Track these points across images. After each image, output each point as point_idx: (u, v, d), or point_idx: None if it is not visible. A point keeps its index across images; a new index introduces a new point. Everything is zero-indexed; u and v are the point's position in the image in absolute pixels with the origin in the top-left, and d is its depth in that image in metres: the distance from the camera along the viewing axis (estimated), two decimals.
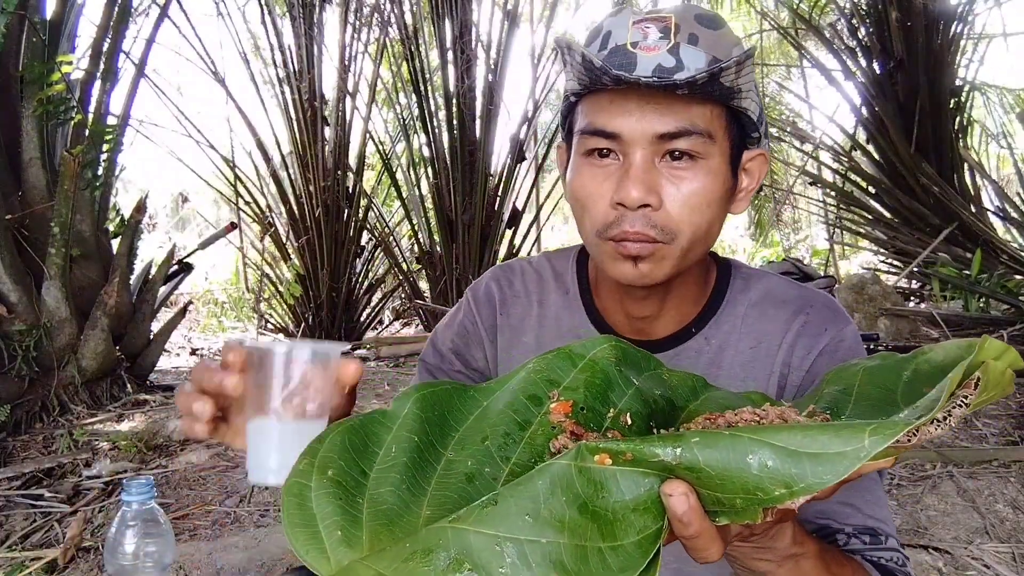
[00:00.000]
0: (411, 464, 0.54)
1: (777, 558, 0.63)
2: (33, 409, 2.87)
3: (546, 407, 0.56)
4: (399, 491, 0.52)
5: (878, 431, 0.43)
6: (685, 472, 0.47)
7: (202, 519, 2.20)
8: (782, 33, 6.68)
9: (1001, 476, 2.18)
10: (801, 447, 0.44)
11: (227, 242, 5.02)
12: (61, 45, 3.12)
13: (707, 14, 0.80)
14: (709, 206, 0.78)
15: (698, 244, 0.80)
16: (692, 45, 0.76)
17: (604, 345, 0.59)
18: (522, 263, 0.99)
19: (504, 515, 0.49)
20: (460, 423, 0.57)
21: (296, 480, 0.52)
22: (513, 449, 0.54)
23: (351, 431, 0.55)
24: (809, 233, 10.99)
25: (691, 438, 0.47)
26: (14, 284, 2.81)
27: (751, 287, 0.89)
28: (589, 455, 0.49)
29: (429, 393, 0.57)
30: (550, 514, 0.48)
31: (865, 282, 4.26)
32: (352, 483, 0.53)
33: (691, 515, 0.48)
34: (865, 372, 0.58)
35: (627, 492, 0.48)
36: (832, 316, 0.86)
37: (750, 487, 0.45)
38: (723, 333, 0.87)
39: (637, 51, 0.76)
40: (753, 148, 0.83)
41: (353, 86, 5.06)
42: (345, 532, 0.50)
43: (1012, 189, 6.03)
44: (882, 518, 0.79)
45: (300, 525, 0.50)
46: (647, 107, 0.76)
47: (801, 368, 0.85)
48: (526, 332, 0.95)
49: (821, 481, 0.43)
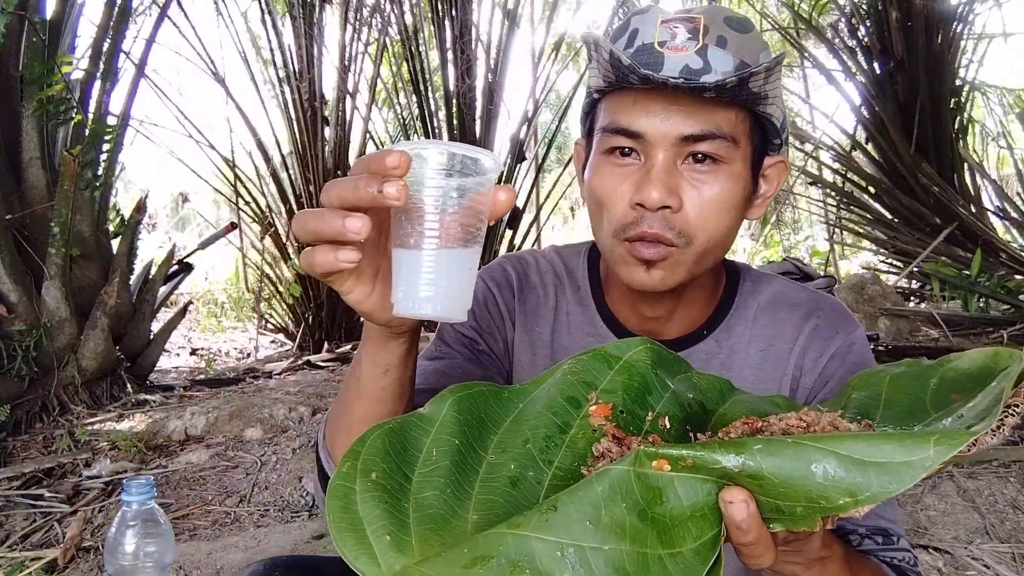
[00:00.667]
0: (453, 467, 0.54)
1: (806, 561, 0.63)
2: (33, 409, 2.87)
3: (585, 410, 0.56)
4: (444, 495, 0.52)
5: (942, 441, 0.43)
6: (747, 480, 0.47)
7: (202, 519, 2.20)
8: (782, 33, 6.68)
9: (1001, 476, 2.18)
10: (866, 456, 0.44)
11: (227, 242, 5.01)
12: (61, 45, 3.12)
13: (736, 17, 0.79)
14: (728, 211, 0.77)
15: (713, 249, 0.79)
16: (720, 48, 0.75)
17: (639, 348, 0.59)
18: (535, 255, 0.97)
19: (565, 521, 0.48)
20: (498, 425, 0.57)
21: (340, 483, 0.52)
22: (555, 452, 0.54)
23: (391, 434, 0.54)
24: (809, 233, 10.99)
25: (753, 445, 0.47)
26: (14, 284, 2.81)
27: (760, 290, 0.90)
28: (647, 461, 0.49)
29: (465, 395, 0.57)
30: (611, 520, 0.48)
31: (865, 282, 4.26)
32: (396, 487, 0.52)
33: (750, 522, 0.47)
34: (892, 379, 0.59)
35: (684, 499, 0.48)
36: (842, 320, 0.87)
37: (813, 495, 0.45)
38: (734, 336, 0.87)
39: (664, 51, 0.75)
40: (774, 154, 0.82)
41: (353, 86, 5.06)
42: (394, 537, 0.50)
43: (1012, 189, 6.03)
44: (892, 519, 0.80)
45: (347, 529, 0.50)
46: (672, 108, 0.75)
47: (813, 371, 0.85)
48: (540, 322, 0.94)
49: (887, 491, 0.44)
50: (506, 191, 0.57)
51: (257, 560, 0.89)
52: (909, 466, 0.43)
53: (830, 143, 6.22)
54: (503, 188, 0.57)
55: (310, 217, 0.55)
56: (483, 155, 0.55)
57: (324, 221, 0.54)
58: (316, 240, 0.55)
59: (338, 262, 0.54)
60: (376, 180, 0.51)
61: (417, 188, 0.54)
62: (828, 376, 0.84)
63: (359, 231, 0.52)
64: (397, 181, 0.51)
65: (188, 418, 2.82)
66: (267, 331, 5.68)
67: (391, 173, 0.51)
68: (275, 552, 1.89)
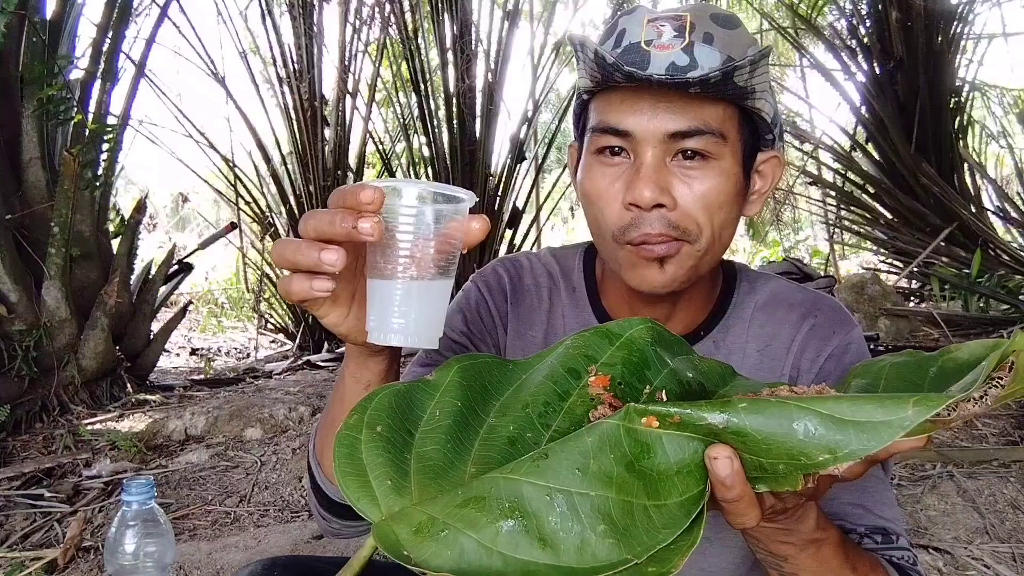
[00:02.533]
0: (455, 426, 0.57)
1: (800, 541, 0.63)
2: (33, 409, 2.87)
3: (585, 380, 0.58)
4: (444, 450, 0.55)
5: (921, 402, 0.45)
6: (731, 437, 0.49)
7: (202, 519, 2.20)
8: (782, 33, 6.68)
9: (1001, 476, 2.18)
10: (846, 415, 0.46)
11: (227, 242, 5.01)
12: (61, 45, 3.12)
13: (723, 13, 0.79)
14: (721, 207, 0.77)
15: (714, 246, 0.79)
16: (707, 44, 0.75)
17: (641, 326, 0.61)
18: (529, 258, 0.97)
19: (555, 468, 0.51)
20: (500, 393, 0.59)
21: (347, 432, 0.55)
22: (553, 417, 0.57)
23: (397, 395, 0.58)
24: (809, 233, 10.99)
25: (738, 404, 0.49)
26: (14, 284, 2.81)
27: (757, 290, 0.89)
28: (637, 416, 0.51)
29: (470, 364, 0.60)
30: (599, 469, 0.51)
31: (865, 282, 4.26)
32: (399, 440, 0.55)
33: (734, 478, 0.49)
34: (892, 367, 0.60)
35: (672, 455, 0.50)
36: (839, 319, 0.86)
37: (794, 452, 0.47)
38: (731, 336, 0.87)
39: (651, 49, 0.75)
40: (767, 150, 0.82)
41: (353, 86, 5.06)
42: (395, 482, 0.53)
43: (1012, 189, 6.03)
44: (892, 518, 0.80)
45: (351, 474, 0.53)
46: (659, 105, 0.75)
47: (811, 371, 0.85)
48: (534, 326, 0.93)
49: (864, 447, 0.45)
50: (479, 220, 0.59)
51: (256, 560, 0.89)
52: (888, 425, 0.45)
53: (830, 143, 6.22)
54: (476, 217, 0.59)
55: (288, 247, 0.57)
56: (458, 192, 0.58)
57: (301, 252, 0.56)
58: (293, 269, 0.58)
59: (312, 291, 0.57)
60: (352, 215, 0.54)
61: (391, 221, 0.56)
62: (825, 375, 0.84)
63: (334, 263, 0.55)
64: (372, 217, 0.53)
65: (188, 418, 2.82)
66: (267, 331, 5.68)
67: (366, 209, 0.53)
68: (275, 552, 1.89)
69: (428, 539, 0.49)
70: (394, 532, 0.50)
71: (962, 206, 5.17)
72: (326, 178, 4.94)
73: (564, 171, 6.17)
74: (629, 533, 0.48)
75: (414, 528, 0.50)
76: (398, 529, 0.50)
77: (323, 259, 0.55)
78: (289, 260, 0.58)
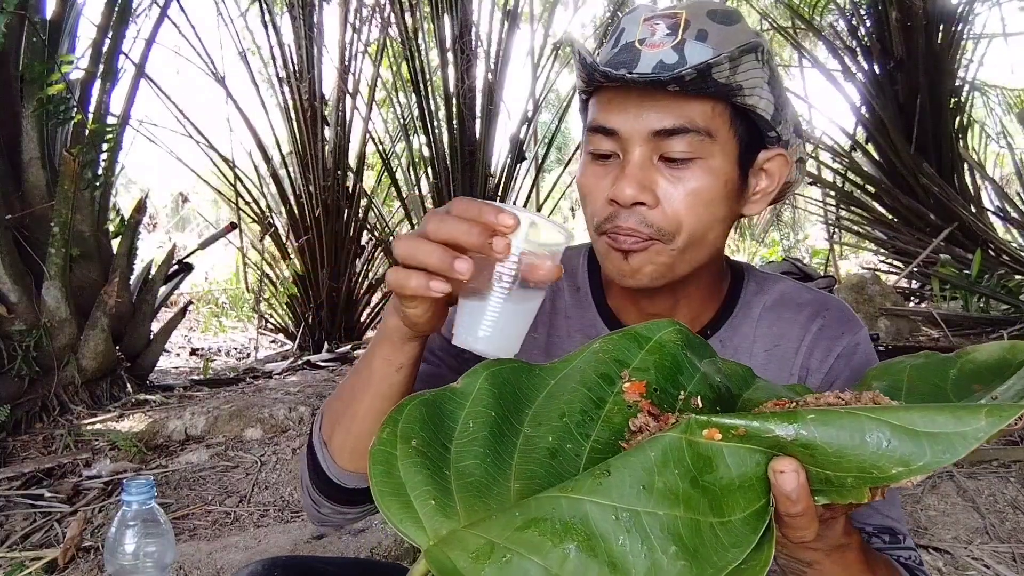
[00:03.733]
0: (491, 438, 0.54)
1: (827, 547, 0.62)
2: (33, 409, 2.87)
3: (619, 387, 0.56)
4: (484, 464, 0.53)
5: (993, 412, 0.44)
6: (799, 450, 0.47)
7: (202, 519, 2.20)
8: (782, 33, 6.68)
9: (1001, 476, 2.18)
10: (920, 426, 0.45)
11: (227, 242, 5.01)
12: (61, 45, 3.11)
13: (722, 10, 0.78)
14: (707, 206, 0.77)
15: (697, 245, 0.78)
16: (700, 41, 0.75)
17: (669, 329, 0.59)
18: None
19: (619, 486, 0.49)
20: (531, 400, 0.57)
21: (381, 448, 0.52)
22: (592, 427, 0.55)
23: (426, 405, 0.55)
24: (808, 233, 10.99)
25: (807, 415, 0.48)
26: (14, 284, 2.81)
27: (765, 290, 0.89)
28: (698, 429, 0.49)
29: (497, 371, 0.58)
30: (664, 486, 0.48)
31: (865, 282, 4.26)
32: (436, 455, 0.53)
33: (800, 492, 0.48)
34: (912, 369, 0.60)
35: (734, 468, 0.49)
36: (847, 320, 0.86)
37: (866, 465, 0.46)
38: (739, 336, 0.87)
39: (643, 48, 0.76)
40: (773, 147, 0.80)
41: (353, 86, 5.06)
42: (438, 501, 0.50)
43: (1012, 189, 6.03)
44: (898, 518, 0.80)
45: (390, 494, 0.50)
46: (644, 104, 0.75)
47: (820, 371, 0.85)
48: (537, 327, 0.93)
49: (939, 460, 0.44)
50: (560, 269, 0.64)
51: (256, 560, 0.89)
52: (962, 436, 0.44)
53: (830, 143, 6.22)
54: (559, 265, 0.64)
55: (421, 248, 0.61)
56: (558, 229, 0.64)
57: (434, 255, 0.60)
58: (419, 267, 0.61)
59: (429, 290, 0.60)
60: (487, 232, 0.59)
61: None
62: (834, 376, 0.84)
63: (464, 273, 0.59)
64: (505, 239, 0.59)
65: (188, 418, 2.82)
66: (267, 331, 5.68)
67: (503, 231, 0.59)
68: (275, 552, 1.89)
69: (489, 565, 0.46)
70: (450, 559, 0.47)
71: (962, 206, 5.17)
72: (326, 178, 4.94)
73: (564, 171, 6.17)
74: (699, 554, 0.46)
75: (472, 554, 0.47)
76: (454, 555, 0.47)
77: (456, 267, 0.59)
78: (420, 260, 0.61)
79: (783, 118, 0.79)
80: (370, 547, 1.90)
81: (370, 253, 5.57)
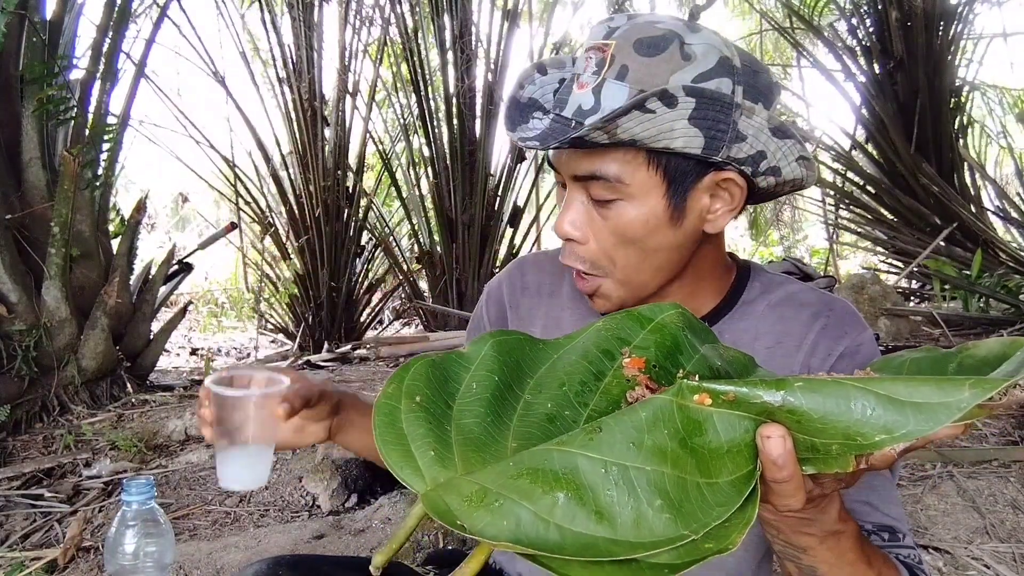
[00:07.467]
0: (493, 400, 0.57)
1: (821, 533, 0.63)
2: (33, 409, 2.87)
3: (619, 361, 0.58)
4: (484, 423, 0.56)
5: (977, 384, 0.45)
6: (786, 416, 0.49)
7: (202, 519, 2.20)
8: (782, 33, 6.68)
9: (1001, 476, 2.17)
10: (903, 396, 0.46)
11: (227, 242, 5.01)
12: (61, 45, 3.11)
13: (649, 37, 0.75)
14: (635, 242, 0.79)
15: (639, 273, 0.81)
16: (619, 80, 0.74)
17: (671, 311, 0.61)
18: (536, 257, 1.02)
19: (610, 441, 0.51)
20: (533, 370, 0.60)
21: (386, 401, 0.55)
22: (590, 396, 0.57)
23: (432, 365, 0.58)
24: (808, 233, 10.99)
25: (795, 383, 0.49)
26: (14, 284, 2.81)
27: (770, 289, 0.90)
28: (689, 393, 0.51)
29: (503, 340, 0.61)
30: (653, 444, 0.50)
31: (865, 282, 4.26)
32: (439, 411, 0.56)
33: (786, 458, 0.49)
34: (912, 362, 0.60)
35: (723, 434, 0.50)
36: (851, 321, 0.86)
37: (851, 432, 0.47)
38: (737, 330, 0.87)
39: (575, 86, 0.78)
40: (727, 169, 0.78)
41: (353, 86, 5.06)
42: (438, 452, 0.53)
43: (1012, 189, 6.03)
44: (897, 516, 0.80)
45: (392, 443, 0.53)
46: (565, 150, 0.78)
47: (822, 370, 0.85)
48: (535, 324, 0.96)
49: (921, 428, 0.45)
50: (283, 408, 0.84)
51: (258, 560, 0.89)
52: (945, 407, 0.45)
53: (830, 143, 6.22)
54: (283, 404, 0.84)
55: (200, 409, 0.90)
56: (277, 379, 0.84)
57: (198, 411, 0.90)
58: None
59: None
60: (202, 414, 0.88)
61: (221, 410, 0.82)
62: None
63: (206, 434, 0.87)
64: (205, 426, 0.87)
65: (188, 418, 2.82)
66: (267, 331, 5.68)
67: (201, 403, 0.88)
68: (275, 552, 1.89)
69: (481, 508, 0.48)
70: (444, 501, 0.49)
71: (962, 206, 5.17)
72: (326, 178, 4.94)
73: None
74: (684, 509, 0.48)
75: (465, 498, 0.49)
76: (448, 498, 0.50)
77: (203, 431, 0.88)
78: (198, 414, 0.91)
79: (728, 141, 0.75)
80: (370, 547, 1.90)
81: (370, 253, 5.58)
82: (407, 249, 6.06)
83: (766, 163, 0.78)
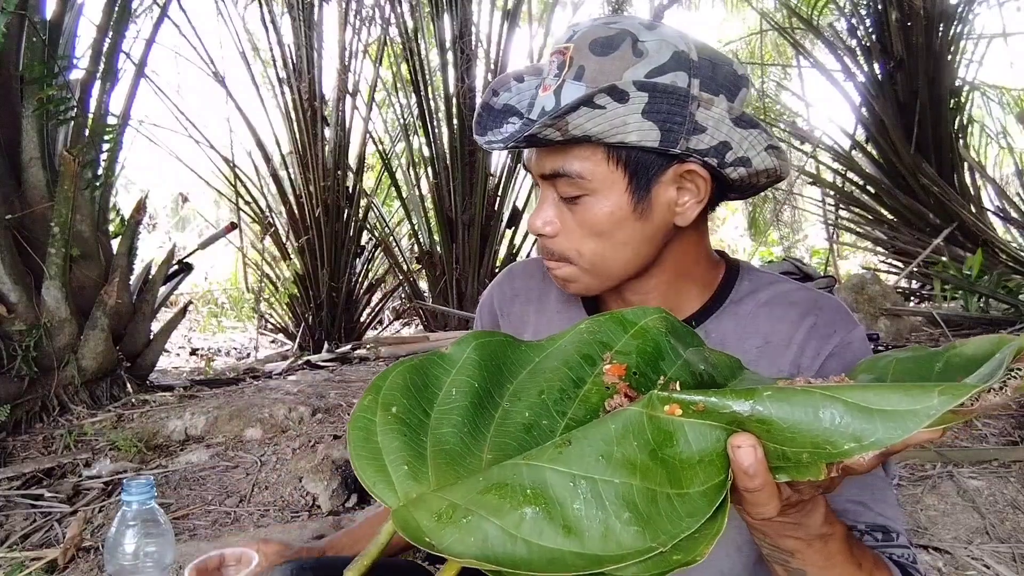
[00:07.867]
0: (471, 408, 0.57)
1: (808, 536, 0.63)
2: (33, 409, 2.87)
3: (600, 368, 0.58)
4: (460, 433, 0.55)
5: (947, 391, 0.44)
6: (755, 425, 0.49)
7: (202, 519, 2.20)
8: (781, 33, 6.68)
9: (1001, 476, 2.17)
10: (872, 404, 0.46)
11: (227, 242, 5.01)
12: (61, 45, 3.11)
13: (603, 37, 0.77)
14: (601, 236, 0.81)
15: (608, 265, 0.83)
16: (576, 81, 0.77)
17: (655, 315, 0.61)
18: (535, 261, 1.03)
19: (579, 455, 0.51)
20: (514, 375, 0.60)
21: (361, 414, 0.55)
22: (569, 405, 0.56)
23: (412, 370, 0.58)
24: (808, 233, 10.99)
25: (764, 392, 0.49)
26: (14, 284, 2.81)
27: (760, 288, 0.90)
28: (660, 404, 0.51)
29: (486, 342, 0.60)
30: (623, 457, 0.50)
31: (865, 282, 4.26)
32: (415, 422, 0.56)
33: (757, 467, 0.49)
34: (898, 362, 0.60)
35: (694, 444, 0.50)
36: (841, 319, 0.86)
37: (820, 441, 0.47)
38: (725, 329, 0.88)
39: (539, 90, 0.82)
40: (690, 161, 0.78)
41: (353, 86, 5.06)
42: (411, 467, 0.53)
43: (1012, 189, 6.03)
44: (892, 516, 0.80)
45: (367, 458, 0.53)
46: (533, 150, 0.82)
47: (811, 369, 0.84)
48: (526, 329, 0.97)
49: (891, 436, 0.45)
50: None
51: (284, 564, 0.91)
52: (914, 414, 0.44)
53: (830, 143, 6.22)
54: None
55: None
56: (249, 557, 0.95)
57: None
58: None
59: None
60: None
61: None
62: (825, 373, 0.83)
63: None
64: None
65: (188, 418, 2.82)
66: (267, 331, 5.68)
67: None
68: None
69: (450, 525, 0.48)
70: (414, 518, 0.50)
71: (962, 206, 5.17)
72: (326, 178, 4.94)
73: None
74: (653, 521, 0.48)
75: (435, 514, 0.49)
76: (418, 515, 0.50)
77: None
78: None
79: (685, 133, 0.76)
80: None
81: (370, 253, 5.58)
82: (407, 249, 6.06)
83: (732, 153, 0.78)
